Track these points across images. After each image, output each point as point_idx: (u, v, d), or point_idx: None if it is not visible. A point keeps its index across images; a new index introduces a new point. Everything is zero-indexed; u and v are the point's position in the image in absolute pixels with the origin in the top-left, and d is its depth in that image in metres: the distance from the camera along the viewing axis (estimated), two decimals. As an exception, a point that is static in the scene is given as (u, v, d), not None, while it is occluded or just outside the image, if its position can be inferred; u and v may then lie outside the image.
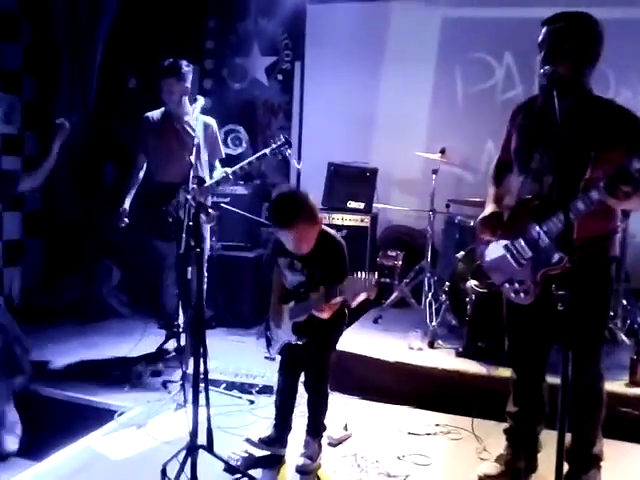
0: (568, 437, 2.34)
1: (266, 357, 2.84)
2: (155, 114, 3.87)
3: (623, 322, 3.77)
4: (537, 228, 2.23)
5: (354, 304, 2.35)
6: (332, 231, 2.60)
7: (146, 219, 3.77)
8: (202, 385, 2.36)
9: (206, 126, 3.76)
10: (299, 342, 2.56)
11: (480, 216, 2.49)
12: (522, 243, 2.29)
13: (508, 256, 2.34)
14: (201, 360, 2.31)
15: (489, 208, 2.50)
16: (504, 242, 2.37)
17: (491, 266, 2.47)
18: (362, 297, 2.30)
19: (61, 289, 5.11)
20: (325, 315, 2.41)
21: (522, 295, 2.31)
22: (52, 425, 3.15)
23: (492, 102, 4.96)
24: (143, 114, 3.90)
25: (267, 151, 3.42)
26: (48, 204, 5.38)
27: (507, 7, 4.86)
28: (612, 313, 3.54)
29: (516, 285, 2.33)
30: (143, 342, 4.06)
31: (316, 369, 2.61)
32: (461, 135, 4.81)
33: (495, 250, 2.42)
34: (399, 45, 5.16)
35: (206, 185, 3.51)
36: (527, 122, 2.38)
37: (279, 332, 2.62)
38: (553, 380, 2.29)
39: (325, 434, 2.74)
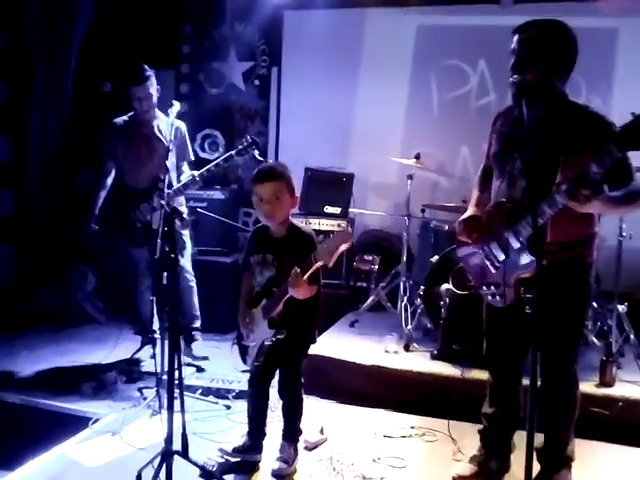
0: (540, 438, 2.40)
1: (244, 370, 2.83)
2: (123, 119, 3.85)
3: (594, 324, 3.85)
4: (508, 231, 2.27)
5: (332, 263, 2.31)
6: (301, 223, 2.65)
7: (116, 225, 3.76)
8: (177, 391, 2.36)
9: (175, 129, 3.72)
10: (276, 338, 2.51)
11: (459, 219, 2.52)
12: (496, 246, 2.33)
13: (484, 259, 2.38)
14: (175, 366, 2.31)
15: (468, 211, 2.54)
16: (480, 245, 2.41)
17: (470, 269, 2.51)
18: (340, 250, 2.28)
19: (35, 295, 5.05)
20: (301, 293, 2.39)
21: (498, 298, 2.33)
22: (26, 433, 3.12)
23: (466, 108, 5.05)
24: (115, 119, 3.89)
25: (233, 152, 3.41)
26: (20, 209, 5.31)
27: (481, 15, 4.95)
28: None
29: (492, 288, 2.35)
30: (118, 348, 4.03)
31: (291, 371, 2.62)
32: (436, 141, 4.89)
33: (473, 253, 2.46)
34: (375, 51, 5.23)
35: (173, 189, 3.52)
36: (504, 128, 2.43)
37: (254, 335, 2.61)
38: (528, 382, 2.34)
39: (301, 438, 2.74)
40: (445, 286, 3.63)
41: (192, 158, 3.96)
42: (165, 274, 2.67)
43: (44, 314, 4.86)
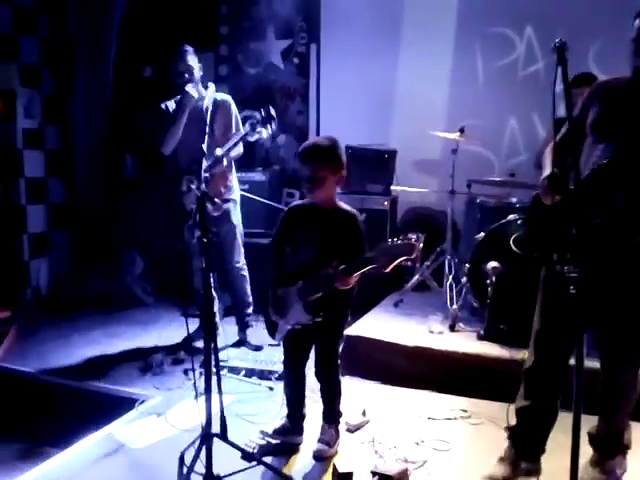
0: (592, 422, 2.29)
1: (270, 344, 2.79)
2: (171, 102, 3.81)
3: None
4: (617, 192, 2.06)
5: (388, 270, 2.28)
6: (348, 206, 2.57)
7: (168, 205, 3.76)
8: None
9: (217, 104, 3.61)
10: (312, 322, 2.46)
11: (543, 176, 2.28)
12: (590, 208, 2.10)
13: (570, 222, 2.10)
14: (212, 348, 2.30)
15: (547, 170, 2.29)
16: (568, 208, 2.19)
17: (545, 232, 2.25)
18: (401, 260, 2.25)
19: (87, 280, 5.20)
20: (349, 285, 2.38)
21: (573, 268, 1.99)
22: (75, 414, 3.20)
23: (514, 78, 4.83)
24: (160, 102, 3.86)
25: (247, 129, 3.05)
26: (71, 196, 5.45)
27: (527, -21, 4.70)
28: None
29: (569, 256, 2.06)
30: (166, 330, 4.09)
31: (328, 353, 2.57)
32: (482, 113, 4.70)
33: (553, 214, 2.21)
34: (417, 22, 5.05)
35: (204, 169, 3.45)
36: (612, 96, 2.25)
37: (288, 315, 2.54)
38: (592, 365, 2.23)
39: (343, 420, 2.72)
40: (492, 264, 3.50)
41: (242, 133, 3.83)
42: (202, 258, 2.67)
43: (94, 298, 5.00)
